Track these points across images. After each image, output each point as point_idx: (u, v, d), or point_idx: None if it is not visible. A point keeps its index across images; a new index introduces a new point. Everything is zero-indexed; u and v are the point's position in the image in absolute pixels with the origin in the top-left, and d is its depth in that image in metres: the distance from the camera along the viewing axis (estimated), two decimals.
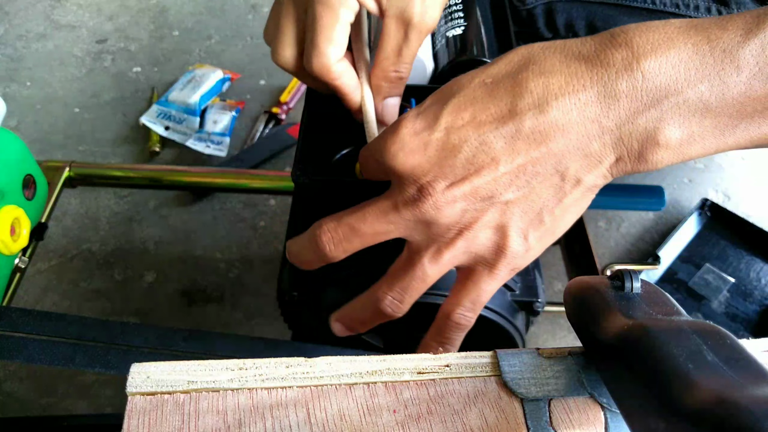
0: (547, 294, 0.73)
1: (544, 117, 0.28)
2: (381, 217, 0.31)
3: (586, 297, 0.26)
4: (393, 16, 0.36)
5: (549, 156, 0.29)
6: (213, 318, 0.75)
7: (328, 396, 0.24)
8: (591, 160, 0.29)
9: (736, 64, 0.26)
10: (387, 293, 0.33)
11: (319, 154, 0.41)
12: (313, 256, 0.34)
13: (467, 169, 0.29)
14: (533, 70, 0.29)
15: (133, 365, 0.24)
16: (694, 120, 0.27)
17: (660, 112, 0.27)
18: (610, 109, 0.27)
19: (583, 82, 0.28)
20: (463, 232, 0.30)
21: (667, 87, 0.27)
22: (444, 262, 0.31)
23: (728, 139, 0.28)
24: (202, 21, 1.14)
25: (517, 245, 0.31)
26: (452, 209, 0.30)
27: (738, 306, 0.70)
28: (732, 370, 0.19)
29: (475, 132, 0.29)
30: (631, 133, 0.28)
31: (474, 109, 0.29)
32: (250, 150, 0.92)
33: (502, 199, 0.30)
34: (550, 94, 0.28)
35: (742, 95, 0.27)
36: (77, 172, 0.64)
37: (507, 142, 0.29)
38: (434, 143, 0.29)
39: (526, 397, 0.24)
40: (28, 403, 0.67)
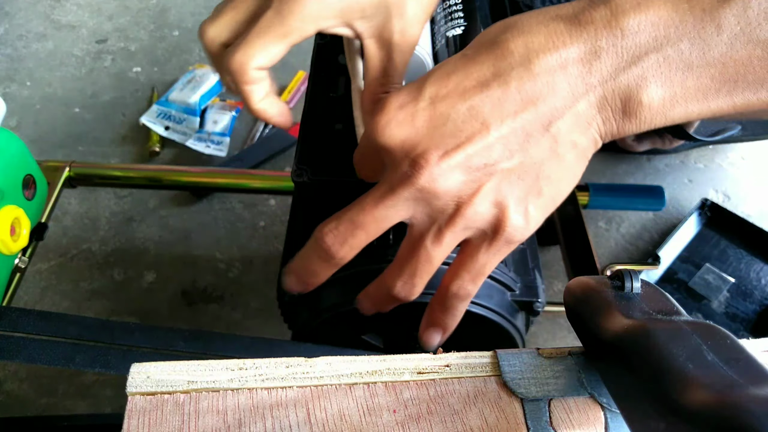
0: (547, 294, 0.73)
1: (529, 75, 0.28)
2: (379, 202, 0.30)
3: (586, 297, 0.26)
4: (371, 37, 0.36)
5: (539, 116, 0.28)
6: (213, 318, 0.75)
7: (328, 396, 0.24)
8: (580, 120, 0.29)
9: (717, 23, 0.26)
10: (397, 279, 0.32)
11: (319, 154, 0.41)
12: (321, 264, 0.33)
13: (458, 138, 0.28)
14: (512, 32, 0.29)
15: (133, 365, 0.24)
16: (676, 79, 0.27)
17: (641, 69, 0.27)
18: (592, 66, 0.27)
19: (564, 39, 0.28)
20: (461, 208, 0.30)
21: (647, 44, 0.27)
22: (447, 241, 0.31)
23: (711, 103, 0.28)
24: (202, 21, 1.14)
25: (516, 218, 0.30)
26: (448, 181, 0.29)
27: (738, 306, 0.70)
28: (732, 370, 0.19)
29: (461, 98, 0.29)
30: (614, 90, 0.28)
31: (457, 77, 0.29)
32: (250, 150, 0.92)
33: (498, 168, 0.29)
34: (532, 52, 0.28)
35: (724, 56, 0.26)
36: (77, 172, 0.64)
37: (495, 105, 0.28)
38: (421, 113, 0.29)
39: (526, 397, 0.24)
40: (28, 403, 0.67)
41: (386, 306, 0.35)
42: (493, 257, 0.32)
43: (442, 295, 0.34)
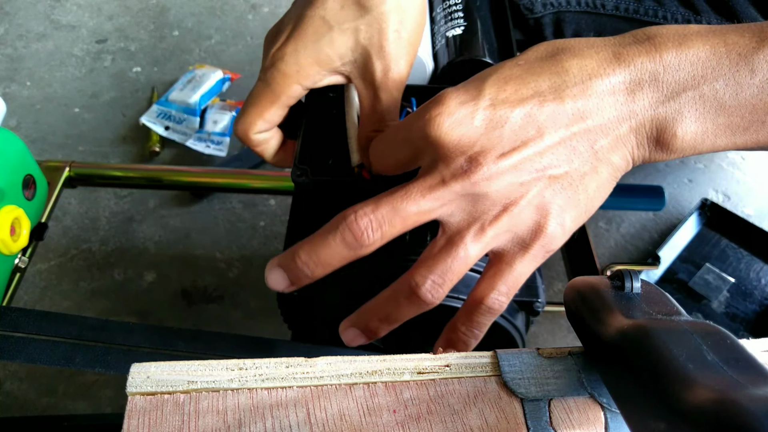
0: (547, 294, 0.73)
1: (583, 95, 0.29)
2: (427, 192, 0.30)
3: (586, 297, 0.26)
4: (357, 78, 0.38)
5: (587, 132, 0.30)
6: (213, 318, 0.75)
7: (328, 396, 0.24)
8: (619, 142, 0.30)
9: (751, 68, 0.28)
10: (427, 276, 0.30)
11: (319, 154, 0.41)
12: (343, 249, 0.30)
13: (514, 141, 0.29)
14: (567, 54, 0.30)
15: (133, 365, 0.24)
16: (710, 116, 0.29)
17: (679, 104, 0.29)
18: (636, 95, 0.29)
19: (613, 68, 0.29)
20: (508, 208, 0.30)
21: (686, 81, 0.29)
22: (487, 240, 0.31)
23: (738, 139, 0.30)
24: (202, 21, 1.14)
25: (555, 225, 0.31)
26: (501, 181, 0.30)
27: (738, 306, 0.70)
28: (732, 370, 0.19)
29: (520, 105, 0.30)
30: (652, 120, 0.29)
31: (516, 84, 0.30)
32: (250, 150, 0.91)
33: (546, 174, 0.30)
34: (586, 75, 0.30)
35: (755, 98, 0.29)
36: (77, 172, 0.64)
37: (550, 116, 0.30)
38: (481, 114, 0.30)
39: (526, 397, 0.24)
40: (28, 403, 0.67)
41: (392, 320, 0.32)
42: (528, 265, 0.32)
43: (471, 310, 0.32)
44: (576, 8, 0.56)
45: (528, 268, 0.32)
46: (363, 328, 0.33)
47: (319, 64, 0.37)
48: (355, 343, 0.34)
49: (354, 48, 0.37)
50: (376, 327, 0.33)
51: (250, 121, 0.39)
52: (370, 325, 0.33)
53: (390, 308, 0.32)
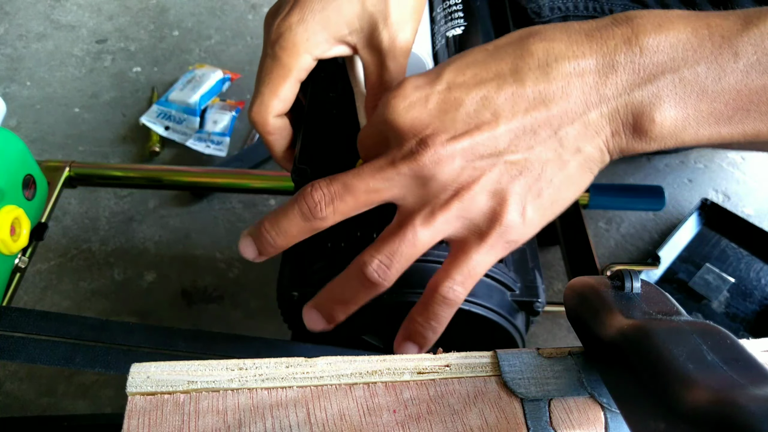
0: (547, 294, 0.73)
1: (546, 78, 0.28)
2: (377, 173, 0.30)
3: (586, 297, 0.26)
4: (363, 48, 0.37)
5: (549, 118, 0.29)
6: (213, 318, 0.75)
7: (328, 396, 0.24)
8: (589, 130, 0.29)
9: (734, 51, 0.27)
10: (374, 256, 0.30)
11: (319, 154, 0.41)
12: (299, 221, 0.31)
13: (468, 124, 0.29)
14: (536, 38, 0.29)
15: (133, 365, 0.24)
16: (690, 101, 0.28)
17: (656, 87, 0.28)
18: (608, 78, 0.28)
19: (583, 50, 0.28)
20: (459, 193, 0.29)
21: (664, 64, 0.27)
22: (437, 226, 0.30)
23: (722, 128, 0.28)
24: (202, 21, 1.14)
25: (514, 214, 0.29)
26: (451, 165, 0.29)
27: (738, 306, 0.70)
28: (732, 370, 0.19)
29: (476, 88, 0.29)
30: (627, 104, 0.28)
31: (476, 68, 0.30)
32: (250, 150, 0.92)
33: (502, 159, 0.29)
34: (551, 57, 0.28)
35: (739, 83, 0.27)
36: (77, 172, 0.64)
37: (508, 99, 0.29)
38: (435, 96, 0.29)
39: (526, 397, 0.24)
40: (28, 403, 0.67)
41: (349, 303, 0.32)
42: (485, 256, 0.30)
43: (426, 300, 0.32)
44: (584, 13, 0.56)
45: (485, 258, 0.30)
46: (322, 312, 0.33)
47: (327, 31, 0.36)
48: (316, 327, 0.33)
49: (361, 15, 0.36)
50: (332, 310, 0.33)
51: (267, 102, 0.37)
52: (327, 307, 0.33)
53: (343, 290, 0.32)
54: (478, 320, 0.39)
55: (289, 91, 0.37)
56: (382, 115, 0.31)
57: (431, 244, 0.30)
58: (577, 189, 0.31)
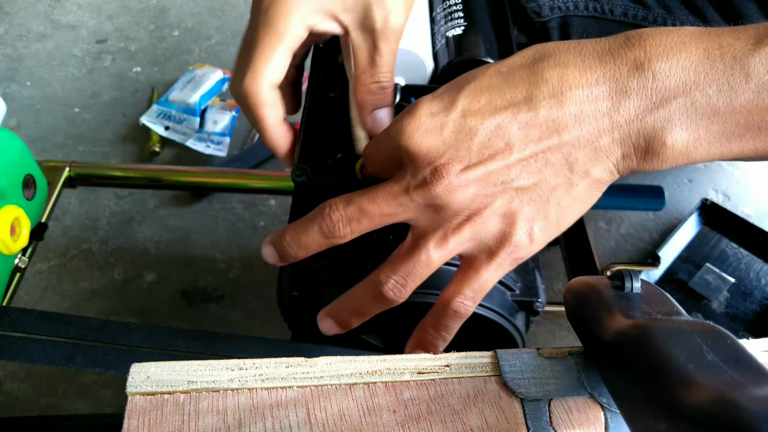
0: (547, 294, 0.73)
1: (559, 106, 0.29)
2: (391, 199, 0.31)
3: (586, 297, 0.26)
4: (355, 29, 0.37)
5: (561, 146, 0.29)
6: (213, 318, 0.75)
7: (328, 396, 0.24)
8: (600, 155, 0.29)
9: (746, 72, 0.27)
10: (390, 276, 0.32)
11: (319, 154, 0.41)
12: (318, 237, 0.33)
13: (482, 154, 0.29)
14: (549, 62, 0.30)
15: (133, 365, 0.24)
16: (702, 123, 0.28)
17: (668, 112, 0.28)
18: (621, 105, 0.28)
19: (596, 77, 0.29)
20: (471, 218, 0.30)
21: (677, 88, 0.28)
22: (449, 248, 0.31)
23: (733, 146, 0.29)
24: (202, 21, 1.14)
25: (522, 234, 0.31)
26: (464, 193, 0.30)
27: (738, 306, 0.70)
28: (732, 370, 0.19)
29: (491, 116, 0.29)
30: (639, 130, 0.28)
31: (490, 95, 0.30)
32: (250, 150, 0.92)
33: (513, 186, 0.30)
34: (565, 85, 0.29)
35: (750, 103, 0.27)
36: (77, 172, 0.64)
37: (522, 128, 0.29)
38: (451, 125, 0.30)
39: (526, 397, 0.24)
40: (28, 403, 0.67)
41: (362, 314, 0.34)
42: (494, 272, 0.32)
43: (438, 313, 0.33)
44: (584, 13, 0.56)
45: (494, 275, 0.32)
46: (337, 320, 0.35)
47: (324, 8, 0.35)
48: (331, 332, 0.35)
49: None
50: (347, 319, 0.35)
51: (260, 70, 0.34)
52: (342, 316, 0.35)
53: (359, 303, 0.34)
54: (478, 320, 0.39)
55: (283, 58, 0.35)
56: (395, 138, 0.31)
57: (442, 263, 0.32)
58: (584, 208, 0.32)
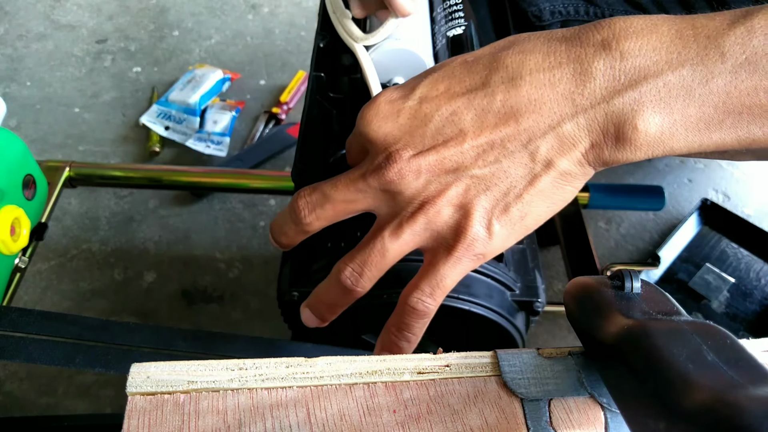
0: (547, 294, 0.73)
1: (516, 91, 0.28)
2: (350, 184, 0.31)
3: (586, 297, 0.26)
4: None
5: (519, 133, 0.28)
6: (213, 318, 0.75)
7: (328, 396, 0.24)
8: (564, 143, 0.28)
9: (721, 51, 0.26)
10: (347, 265, 0.32)
11: (319, 154, 0.41)
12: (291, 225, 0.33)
13: (435, 139, 0.29)
14: (514, 49, 0.29)
15: (133, 365, 0.24)
16: (677, 107, 0.26)
17: (639, 93, 0.26)
18: (585, 86, 0.27)
19: (560, 60, 0.27)
20: (424, 206, 0.30)
21: (647, 68, 0.26)
22: (404, 238, 0.30)
23: (714, 134, 0.27)
24: (202, 21, 1.14)
25: (478, 227, 0.29)
26: (416, 179, 0.29)
27: (738, 306, 0.70)
28: (732, 370, 0.19)
29: (447, 102, 0.29)
30: (606, 114, 0.27)
31: (450, 82, 0.30)
32: (250, 150, 0.92)
33: (468, 174, 0.29)
34: (524, 69, 0.28)
35: (728, 85, 0.26)
36: (77, 172, 0.64)
37: (477, 114, 0.28)
38: (406, 111, 0.30)
39: (526, 397, 0.24)
40: (28, 403, 0.67)
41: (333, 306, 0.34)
42: (452, 268, 0.30)
43: (398, 312, 0.32)
44: (584, 17, 0.56)
45: (453, 271, 0.30)
46: (313, 311, 0.35)
47: None
48: (310, 323, 0.35)
49: None
50: (321, 311, 0.35)
51: None
52: (316, 308, 0.35)
53: (327, 294, 0.34)
54: (478, 320, 0.39)
55: None
56: (358, 126, 0.31)
57: (401, 255, 0.31)
58: (552, 204, 0.30)
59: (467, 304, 0.38)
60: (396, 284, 0.36)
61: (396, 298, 0.37)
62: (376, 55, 0.41)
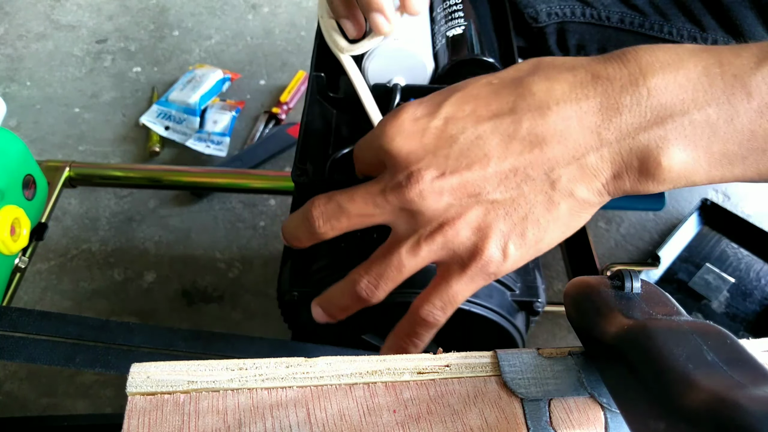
0: (547, 294, 0.73)
1: (543, 120, 0.28)
2: (368, 199, 0.31)
3: (586, 297, 0.26)
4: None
5: (542, 161, 0.28)
6: (213, 318, 0.75)
7: (328, 396, 0.24)
8: (586, 173, 0.28)
9: (747, 91, 0.26)
10: (363, 276, 0.32)
11: (319, 154, 0.41)
12: (305, 232, 0.34)
13: (459, 162, 0.29)
14: (539, 75, 0.29)
15: (133, 365, 0.24)
16: (701, 144, 0.27)
17: (664, 130, 0.27)
18: (612, 121, 0.27)
19: (587, 92, 0.28)
20: (443, 227, 0.30)
21: (673, 106, 0.26)
22: (421, 255, 0.31)
23: (736, 169, 0.27)
24: (202, 21, 1.14)
25: (494, 250, 0.30)
26: (437, 201, 0.29)
27: (738, 306, 0.70)
28: (732, 370, 0.19)
29: (473, 125, 0.29)
30: (631, 148, 0.27)
31: (476, 104, 0.30)
32: (250, 150, 0.92)
33: (488, 198, 0.29)
34: (552, 99, 0.28)
35: (753, 123, 0.26)
36: (77, 172, 0.64)
37: (502, 140, 0.28)
38: (432, 131, 0.30)
39: (526, 397, 0.24)
40: (28, 403, 0.67)
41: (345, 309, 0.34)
42: (465, 286, 0.31)
43: (408, 319, 0.33)
44: (580, 19, 0.56)
45: (465, 288, 0.31)
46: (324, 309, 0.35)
47: None
48: (320, 320, 0.36)
49: None
50: (333, 311, 0.35)
51: None
52: (328, 307, 0.35)
53: (340, 298, 0.34)
54: (478, 320, 0.39)
55: None
56: (378, 140, 0.31)
57: (416, 270, 0.32)
58: (567, 230, 0.31)
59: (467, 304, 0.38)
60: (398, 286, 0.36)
61: (396, 299, 0.37)
62: (375, 55, 0.41)
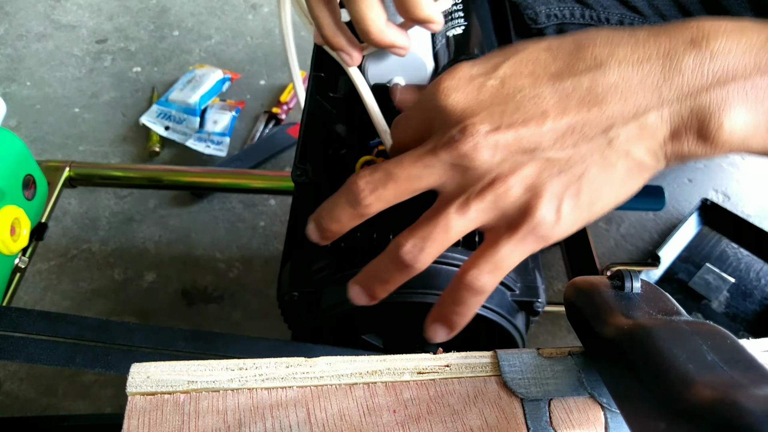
0: (547, 294, 0.73)
1: (604, 78, 0.28)
2: (418, 160, 0.30)
3: (586, 297, 0.26)
4: None
5: (601, 120, 0.28)
6: (213, 318, 0.75)
7: (328, 396, 0.24)
8: (645, 132, 0.28)
9: None
10: (408, 239, 0.30)
11: (319, 154, 0.41)
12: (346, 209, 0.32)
13: (515, 118, 0.28)
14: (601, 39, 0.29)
15: (133, 365, 0.24)
16: (762, 109, 0.26)
17: (726, 93, 0.26)
18: (673, 81, 0.27)
19: (649, 53, 0.27)
20: (495, 183, 0.29)
21: (736, 70, 0.26)
22: (470, 215, 0.30)
23: None
24: (202, 21, 1.14)
25: (547, 210, 0.29)
26: (491, 155, 0.29)
27: (738, 306, 0.70)
28: (732, 370, 0.19)
29: (531, 84, 0.29)
30: (692, 108, 0.27)
31: (535, 66, 0.29)
32: (250, 150, 0.92)
33: (544, 156, 0.28)
34: (613, 59, 0.28)
35: None
36: (77, 172, 0.64)
37: (561, 99, 0.28)
38: (489, 88, 0.29)
39: (526, 397, 0.24)
40: (28, 403, 0.67)
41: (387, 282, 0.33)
42: (514, 249, 0.30)
43: (455, 285, 0.32)
44: (579, 20, 0.56)
45: (514, 252, 0.30)
46: (363, 287, 0.34)
47: None
48: (358, 301, 0.34)
49: None
50: (372, 287, 0.33)
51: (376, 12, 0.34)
52: (367, 284, 0.33)
53: (381, 269, 0.32)
54: (478, 320, 0.39)
55: None
56: (431, 97, 0.30)
57: (465, 232, 0.30)
58: (620, 194, 0.30)
59: None
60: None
61: (396, 299, 0.37)
62: (375, 56, 0.41)
